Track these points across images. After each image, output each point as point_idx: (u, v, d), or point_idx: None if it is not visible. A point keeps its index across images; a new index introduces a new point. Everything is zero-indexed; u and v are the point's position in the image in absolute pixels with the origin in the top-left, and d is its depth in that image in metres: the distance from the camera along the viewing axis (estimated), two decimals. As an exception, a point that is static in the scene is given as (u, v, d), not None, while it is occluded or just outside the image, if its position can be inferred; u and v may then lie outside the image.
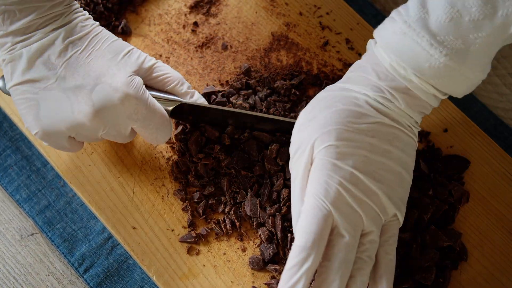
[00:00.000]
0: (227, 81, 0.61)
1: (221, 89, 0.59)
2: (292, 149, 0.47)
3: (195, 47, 0.62)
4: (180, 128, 0.57)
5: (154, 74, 0.52)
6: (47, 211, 0.58)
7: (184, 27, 0.63)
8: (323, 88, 0.59)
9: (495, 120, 0.62)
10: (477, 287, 0.54)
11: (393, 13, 0.45)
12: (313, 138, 0.45)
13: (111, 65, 0.48)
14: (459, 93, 0.46)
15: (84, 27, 0.50)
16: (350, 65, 0.61)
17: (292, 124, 0.48)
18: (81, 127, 0.48)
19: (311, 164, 0.45)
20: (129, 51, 0.50)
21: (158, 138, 0.52)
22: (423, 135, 0.59)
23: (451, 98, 0.62)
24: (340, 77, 0.60)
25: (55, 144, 0.50)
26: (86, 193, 0.56)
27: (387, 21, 0.46)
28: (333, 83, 0.59)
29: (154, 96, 0.51)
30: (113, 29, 0.62)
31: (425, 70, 0.44)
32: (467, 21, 0.41)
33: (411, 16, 0.43)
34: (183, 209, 0.56)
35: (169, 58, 0.62)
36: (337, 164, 0.43)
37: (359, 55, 0.62)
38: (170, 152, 0.58)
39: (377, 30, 0.46)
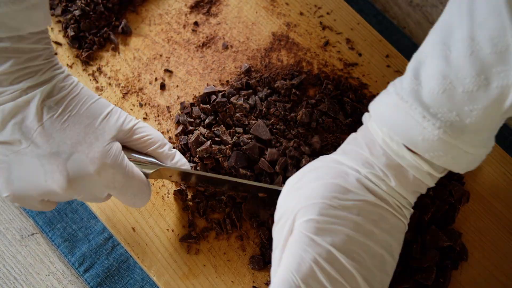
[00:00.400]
0: (227, 81, 0.61)
1: (221, 89, 0.59)
2: (276, 215, 0.45)
3: (196, 47, 0.62)
4: (180, 128, 0.57)
5: (135, 136, 0.49)
6: (47, 211, 0.58)
7: (184, 27, 0.63)
8: (323, 88, 0.59)
9: (495, 120, 0.62)
10: (477, 287, 0.54)
11: (389, 86, 0.44)
12: (296, 209, 0.43)
13: (88, 132, 0.46)
14: (459, 169, 0.44)
15: (62, 88, 0.46)
16: (350, 65, 0.62)
17: (279, 192, 0.47)
18: (54, 195, 0.46)
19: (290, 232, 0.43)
20: (108, 113, 0.47)
21: (136, 203, 0.50)
22: (423, 135, 0.59)
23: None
24: (340, 77, 0.60)
25: (26, 206, 0.48)
26: (86, 193, 0.56)
27: (382, 93, 0.44)
28: (333, 83, 0.60)
29: (133, 160, 0.49)
30: (113, 29, 0.62)
31: (418, 143, 0.42)
32: (460, 93, 0.40)
33: (404, 88, 0.42)
34: (183, 209, 0.56)
35: (169, 58, 0.62)
36: (315, 239, 0.41)
37: (360, 55, 0.62)
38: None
39: (372, 103, 0.45)
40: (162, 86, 0.61)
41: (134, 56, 0.62)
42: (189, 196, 0.56)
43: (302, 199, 0.43)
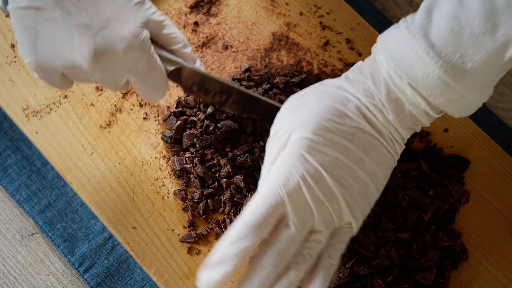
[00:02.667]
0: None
1: None
2: (272, 130, 0.46)
3: (196, 47, 0.62)
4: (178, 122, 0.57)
5: (162, 31, 0.49)
6: (48, 211, 0.58)
7: (184, 27, 0.63)
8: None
9: (495, 120, 0.62)
10: (477, 287, 0.54)
11: (401, 21, 0.45)
12: (293, 126, 0.44)
13: (122, 11, 0.46)
14: (454, 112, 0.44)
15: None
16: (350, 65, 0.61)
17: None
18: (77, 68, 0.46)
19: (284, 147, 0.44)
20: (141, 0, 0.48)
21: (152, 95, 0.50)
22: (423, 135, 0.59)
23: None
24: (340, 77, 0.61)
25: (45, 78, 0.47)
26: (86, 193, 0.56)
27: (392, 27, 0.45)
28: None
29: (157, 53, 0.49)
30: (113, 29, 0.62)
31: (419, 80, 0.42)
32: (467, 35, 0.41)
33: (414, 23, 0.43)
34: (183, 209, 0.56)
35: (169, 58, 0.62)
36: (306, 157, 0.42)
37: (360, 55, 0.62)
38: (170, 153, 0.58)
39: (381, 34, 0.46)
40: (162, 86, 0.61)
41: (134, 56, 0.62)
42: (189, 196, 0.56)
43: (300, 117, 0.44)
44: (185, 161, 0.56)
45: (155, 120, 0.59)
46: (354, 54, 0.62)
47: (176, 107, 0.59)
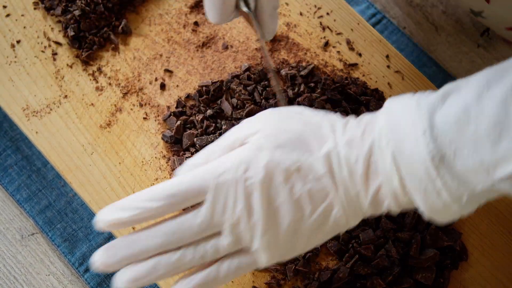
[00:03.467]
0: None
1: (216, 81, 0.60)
2: (243, 124, 0.44)
3: (196, 47, 0.62)
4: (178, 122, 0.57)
5: None
6: (48, 211, 0.58)
7: (184, 27, 0.63)
8: (323, 84, 0.59)
9: (495, 120, 0.62)
10: (477, 287, 0.54)
11: (418, 93, 0.41)
12: (257, 129, 0.42)
13: None
14: (425, 209, 0.39)
15: None
16: (351, 65, 0.62)
17: None
18: None
19: (239, 145, 0.42)
20: None
21: (208, 13, 0.48)
22: (423, 135, 0.59)
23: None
24: (340, 77, 0.60)
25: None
26: (86, 193, 0.56)
27: (408, 94, 0.41)
28: (334, 83, 0.60)
29: None
30: (113, 29, 0.62)
31: (404, 154, 0.38)
32: (470, 132, 0.36)
33: (427, 99, 0.39)
34: (183, 209, 0.56)
35: (169, 58, 0.62)
36: (251, 165, 0.40)
37: (360, 56, 0.62)
38: (170, 153, 0.58)
39: (393, 97, 0.42)
40: (162, 86, 0.61)
41: (134, 56, 0.62)
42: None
43: (272, 126, 0.42)
44: (185, 161, 0.56)
45: (155, 120, 0.59)
46: (354, 54, 0.62)
47: (176, 107, 0.59)
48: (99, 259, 0.41)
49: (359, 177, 0.40)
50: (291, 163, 0.40)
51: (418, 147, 0.37)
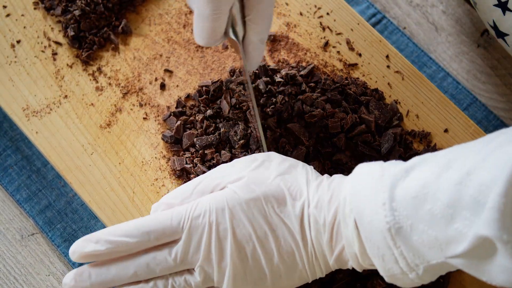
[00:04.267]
0: (227, 81, 0.61)
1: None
2: (224, 167, 0.47)
3: (196, 47, 0.62)
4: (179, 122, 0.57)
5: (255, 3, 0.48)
6: (48, 211, 0.58)
7: (184, 26, 0.63)
8: (323, 84, 0.59)
9: (495, 120, 0.62)
10: (477, 287, 0.54)
11: (390, 162, 0.43)
12: (235, 177, 0.44)
13: None
14: (384, 274, 0.41)
15: None
16: (351, 65, 0.62)
17: None
18: None
19: (218, 189, 0.44)
20: None
21: (197, 36, 0.49)
22: (423, 136, 0.59)
23: (452, 98, 0.63)
24: (340, 77, 0.60)
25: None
26: (86, 193, 0.56)
27: (379, 162, 0.43)
28: (334, 83, 0.60)
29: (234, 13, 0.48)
30: (113, 29, 0.62)
31: (364, 222, 0.40)
32: (426, 210, 0.38)
33: (392, 170, 0.40)
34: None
35: (169, 58, 0.62)
36: (226, 211, 0.42)
37: (360, 56, 0.62)
38: (171, 153, 0.58)
39: (365, 163, 0.44)
40: (162, 86, 0.61)
41: (134, 56, 0.62)
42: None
43: (249, 176, 0.44)
44: (185, 161, 0.56)
45: (155, 120, 0.59)
46: (354, 54, 0.62)
47: (176, 107, 0.59)
48: (69, 282, 0.43)
49: (325, 239, 0.43)
50: (263, 215, 0.43)
51: (377, 217, 0.39)
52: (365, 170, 0.42)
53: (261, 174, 0.45)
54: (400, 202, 0.39)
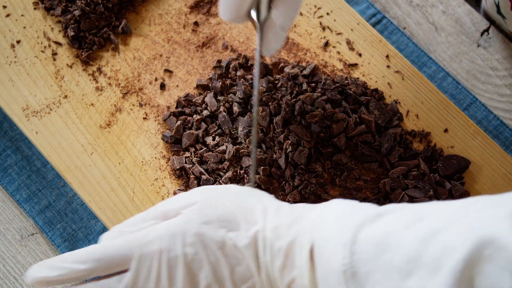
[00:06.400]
0: (227, 81, 0.61)
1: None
2: (181, 197, 0.45)
3: (196, 47, 0.62)
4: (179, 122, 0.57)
5: None
6: (48, 211, 0.58)
7: (184, 27, 0.63)
8: (323, 84, 0.59)
9: (495, 120, 0.62)
10: None
11: (367, 205, 0.41)
12: (192, 202, 0.43)
13: None
14: None
15: None
16: (351, 65, 0.62)
17: None
18: None
19: (172, 216, 0.43)
20: None
21: (221, 11, 0.48)
22: (423, 135, 0.59)
23: (452, 98, 0.63)
24: (340, 77, 0.60)
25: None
26: (86, 193, 0.56)
27: (353, 202, 0.41)
28: (334, 83, 0.60)
29: None
30: (113, 29, 0.62)
31: (322, 256, 0.39)
32: (385, 260, 0.36)
33: (365, 210, 0.39)
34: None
35: (169, 58, 0.62)
36: (177, 240, 0.41)
37: (360, 56, 0.62)
38: (170, 153, 0.58)
39: (338, 200, 0.43)
40: (162, 86, 0.61)
41: (134, 56, 0.62)
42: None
43: (203, 201, 0.42)
44: (184, 161, 0.56)
45: (155, 120, 0.59)
46: (354, 54, 0.62)
47: (176, 107, 0.59)
48: None
49: (277, 266, 0.40)
50: (216, 240, 0.41)
51: (336, 257, 0.38)
52: (335, 206, 0.41)
53: (215, 198, 0.43)
54: (361, 246, 0.37)
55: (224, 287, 0.41)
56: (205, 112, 0.58)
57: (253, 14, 0.49)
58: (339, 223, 0.39)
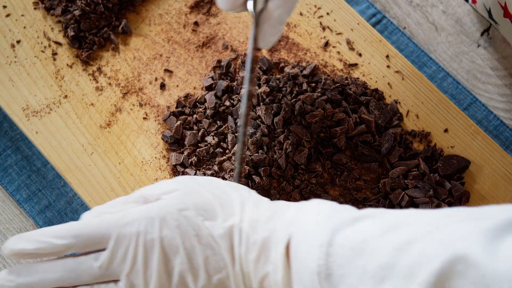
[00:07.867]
0: (227, 81, 0.61)
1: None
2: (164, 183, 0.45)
3: (196, 47, 0.62)
4: (178, 122, 0.57)
5: None
6: (48, 211, 0.58)
7: (184, 27, 0.63)
8: (323, 84, 0.59)
9: (495, 120, 0.62)
10: (477, 287, 0.54)
11: (345, 206, 0.41)
12: (169, 189, 0.43)
13: None
14: None
15: None
16: (351, 65, 0.62)
17: None
18: None
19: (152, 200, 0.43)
20: None
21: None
22: (424, 135, 0.59)
23: (452, 98, 0.63)
24: (340, 77, 0.60)
25: None
26: (86, 193, 0.56)
27: (334, 203, 0.41)
28: (334, 83, 0.60)
29: None
30: (113, 29, 0.62)
31: (297, 254, 0.38)
32: (359, 264, 0.36)
33: (344, 214, 0.39)
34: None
35: (169, 58, 0.62)
36: (155, 222, 0.41)
37: (360, 56, 0.62)
38: (170, 153, 0.58)
39: (321, 200, 0.43)
40: (162, 86, 0.61)
41: (134, 56, 0.62)
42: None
43: (182, 189, 0.43)
44: (182, 158, 0.56)
45: (155, 120, 0.59)
46: (354, 54, 0.62)
47: (176, 107, 0.59)
48: None
49: (252, 258, 0.40)
50: (193, 227, 0.41)
51: (311, 256, 0.37)
52: (315, 205, 0.41)
53: (196, 188, 0.43)
54: (337, 250, 0.37)
55: (197, 275, 0.41)
56: (207, 111, 0.58)
57: (250, 4, 0.48)
58: (317, 223, 0.39)
